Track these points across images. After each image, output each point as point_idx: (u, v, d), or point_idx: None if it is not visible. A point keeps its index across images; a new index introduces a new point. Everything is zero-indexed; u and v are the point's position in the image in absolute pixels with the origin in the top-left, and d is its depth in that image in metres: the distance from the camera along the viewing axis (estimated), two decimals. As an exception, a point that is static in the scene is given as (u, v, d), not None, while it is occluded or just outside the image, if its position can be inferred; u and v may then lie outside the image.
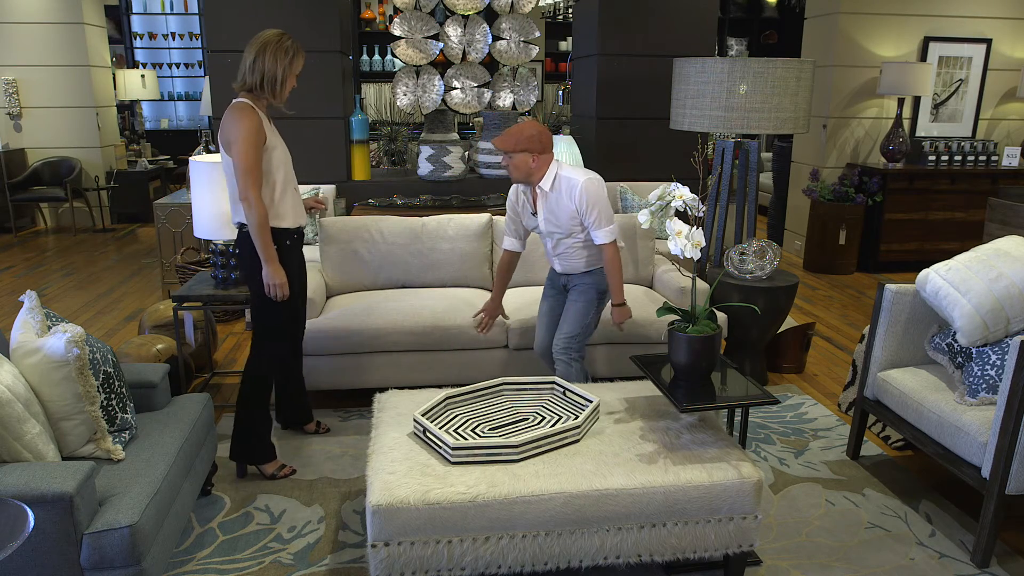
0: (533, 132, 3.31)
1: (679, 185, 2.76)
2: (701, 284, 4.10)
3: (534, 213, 3.53)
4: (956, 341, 3.15)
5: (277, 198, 3.15)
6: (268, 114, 3.19)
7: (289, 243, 3.22)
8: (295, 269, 3.28)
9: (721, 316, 4.02)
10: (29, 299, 2.53)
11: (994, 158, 6.91)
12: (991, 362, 2.95)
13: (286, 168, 3.20)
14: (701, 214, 2.75)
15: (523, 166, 3.34)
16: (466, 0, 5.36)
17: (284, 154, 3.21)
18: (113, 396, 2.61)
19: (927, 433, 3.07)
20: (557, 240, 3.50)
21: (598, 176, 3.42)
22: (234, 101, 3.08)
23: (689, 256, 2.69)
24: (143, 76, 9.49)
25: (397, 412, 2.88)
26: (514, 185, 3.62)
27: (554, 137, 5.23)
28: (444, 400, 2.85)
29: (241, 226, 3.15)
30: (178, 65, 10.95)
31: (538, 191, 3.44)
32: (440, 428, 2.66)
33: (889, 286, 3.31)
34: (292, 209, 3.22)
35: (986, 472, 2.74)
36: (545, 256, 3.75)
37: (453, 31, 5.46)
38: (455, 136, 5.57)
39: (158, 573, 2.37)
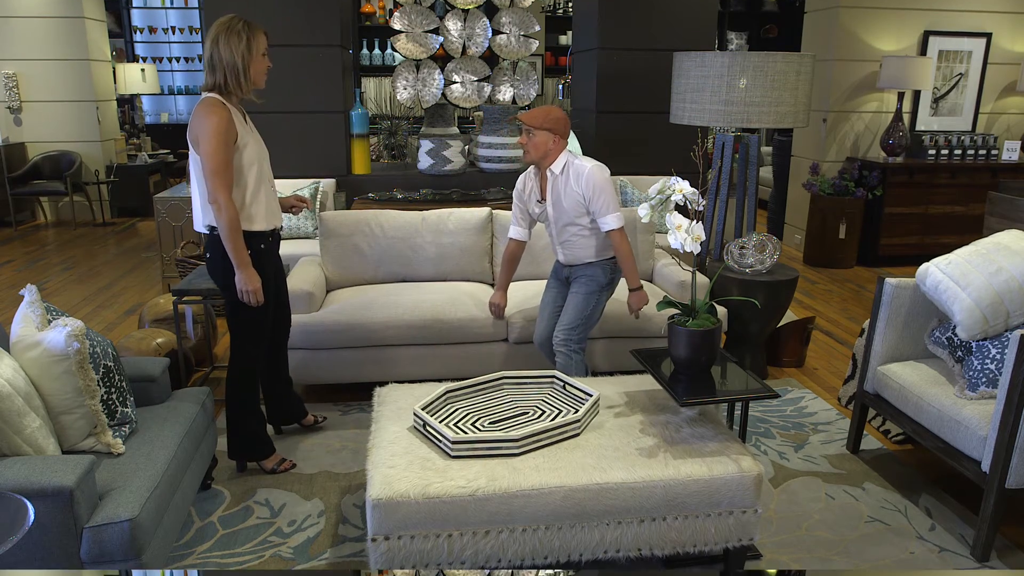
0: (559, 115, 3.47)
1: (679, 179, 2.76)
2: (701, 278, 4.10)
3: (540, 200, 3.63)
4: (956, 335, 3.15)
5: (248, 199, 2.99)
6: (241, 109, 3.05)
7: (263, 246, 3.09)
8: (271, 273, 3.18)
9: (721, 310, 4.02)
10: (29, 293, 2.53)
11: (994, 152, 6.90)
12: (991, 356, 2.95)
13: (260, 166, 3.04)
14: (701, 208, 2.75)
15: (542, 145, 3.46)
16: (466, -6, 5.35)
17: (258, 151, 3.05)
18: (113, 390, 2.61)
19: (927, 427, 3.08)
20: (562, 227, 3.57)
21: (604, 165, 3.52)
22: (203, 96, 2.94)
23: (689, 250, 2.69)
24: (143, 70, 9.46)
25: (397, 406, 2.88)
26: (522, 174, 3.72)
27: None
28: (444, 394, 2.85)
29: (211, 229, 3.00)
30: (178, 59, 10.94)
31: (548, 175, 3.54)
32: (440, 422, 2.66)
33: (889, 280, 3.31)
34: (266, 210, 3.08)
35: (986, 466, 2.74)
36: (550, 247, 3.80)
37: (453, 25, 5.45)
38: (455, 130, 5.56)
39: (158, 567, 2.38)
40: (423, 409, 2.70)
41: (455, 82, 5.54)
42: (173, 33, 10.78)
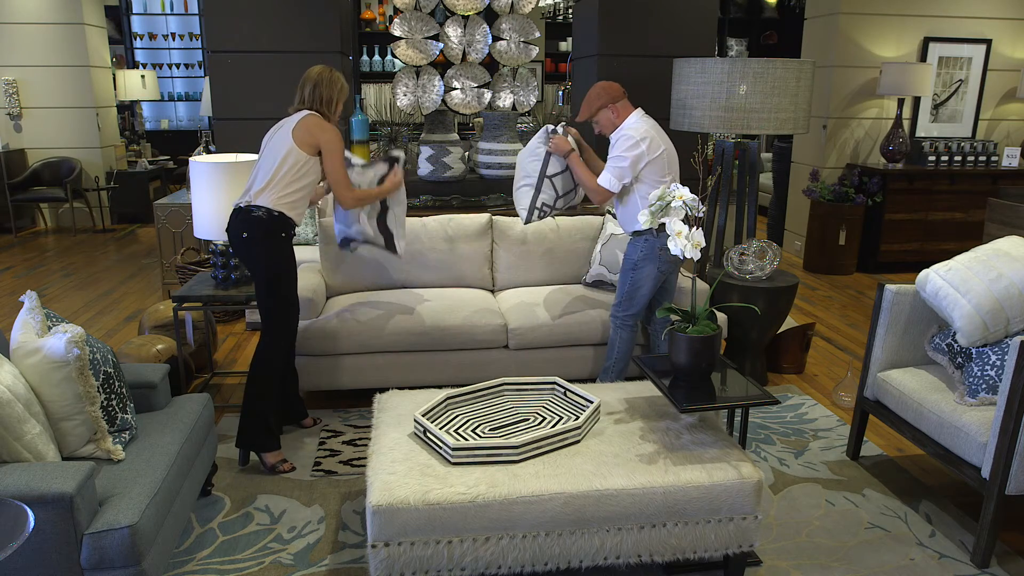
0: (596, 90, 3.57)
1: (679, 185, 2.77)
2: (701, 284, 4.11)
3: None
4: (956, 341, 3.15)
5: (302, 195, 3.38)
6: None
7: (284, 235, 3.31)
8: (293, 262, 3.40)
9: (721, 316, 4.02)
10: (29, 299, 2.53)
11: (994, 158, 6.91)
12: (991, 362, 2.95)
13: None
14: (701, 214, 2.75)
15: (608, 122, 3.60)
16: (466, 1, 5.36)
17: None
18: (113, 396, 2.61)
19: (927, 433, 3.07)
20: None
21: (651, 137, 3.54)
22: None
23: (689, 256, 2.70)
24: (143, 76, 9.49)
25: (397, 412, 2.88)
26: None
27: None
28: (444, 400, 2.85)
29: (250, 209, 3.23)
30: (178, 65, 10.95)
31: None
32: (440, 428, 2.66)
33: (889, 286, 3.31)
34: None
35: (986, 472, 2.74)
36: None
37: (453, 31, 5.46)
38: (455, 137, 5.56)
39: (158, 573, 2.38)
40: (423, 415, 2.70)
41: (455, 88, 5.54)
42: (173, 40, 10.79)
